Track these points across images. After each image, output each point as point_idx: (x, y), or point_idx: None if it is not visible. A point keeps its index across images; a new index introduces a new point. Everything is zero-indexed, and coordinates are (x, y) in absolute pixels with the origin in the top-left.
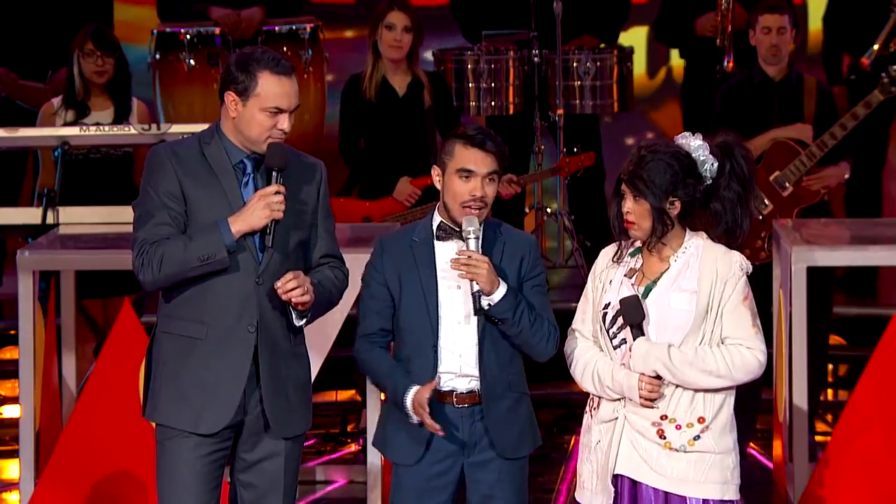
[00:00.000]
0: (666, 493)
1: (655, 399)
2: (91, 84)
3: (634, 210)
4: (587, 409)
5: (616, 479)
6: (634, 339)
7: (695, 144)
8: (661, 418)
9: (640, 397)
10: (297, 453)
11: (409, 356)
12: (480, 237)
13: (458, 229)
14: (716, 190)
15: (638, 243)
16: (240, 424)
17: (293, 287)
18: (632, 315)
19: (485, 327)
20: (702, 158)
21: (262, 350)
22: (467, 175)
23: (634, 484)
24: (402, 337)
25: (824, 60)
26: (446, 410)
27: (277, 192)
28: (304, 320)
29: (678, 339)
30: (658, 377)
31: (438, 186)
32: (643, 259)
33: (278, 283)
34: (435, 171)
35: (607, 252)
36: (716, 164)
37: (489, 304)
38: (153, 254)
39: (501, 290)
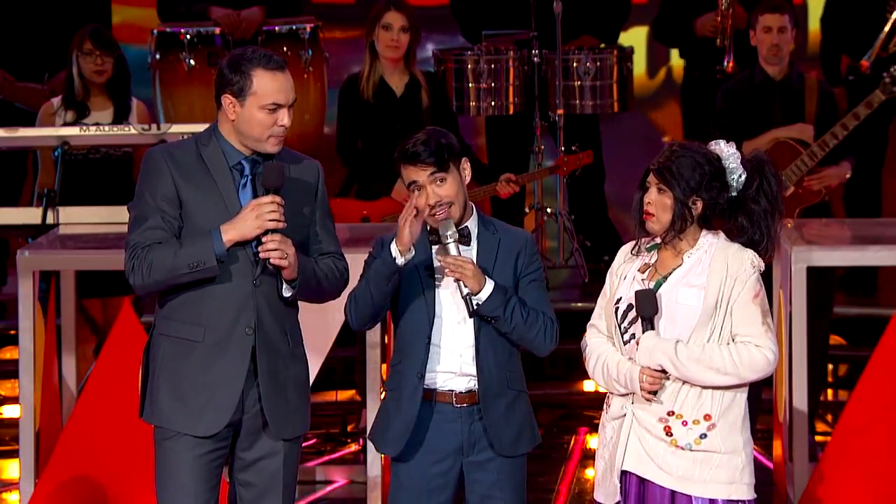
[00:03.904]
0: (672, 492)
1: (656, 392)
2: (90, 84)
3: (656, 202)
4: (604, 406)
5: (624, 475)
6: (644, 332)
7: (728, 152)
8: (668, 414)
9: (641, 389)
10: (297, 452)
11: (403, 348)
12: (458, 239)
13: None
14: (743, 203)
15: (657, 240)
16: (238, 423)
17: (273, 248)
18: (645, 308)
19: (481, 326)
20: (732, 166)
21: (260, 351)
22: (417, 188)
23: (642, 481)
24: (400, 333)
25: (822, 62)
26: (446, 410)
27: (272, 203)
28: (291, 292)
29: (685, 334)
30: (661, 371)
31: None
32: (658, 255)
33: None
34: (405, 193)
35: (625, 248)
36: (744, 176)
37: (478, 304)
38: (143, 258)
39: (488, 287)
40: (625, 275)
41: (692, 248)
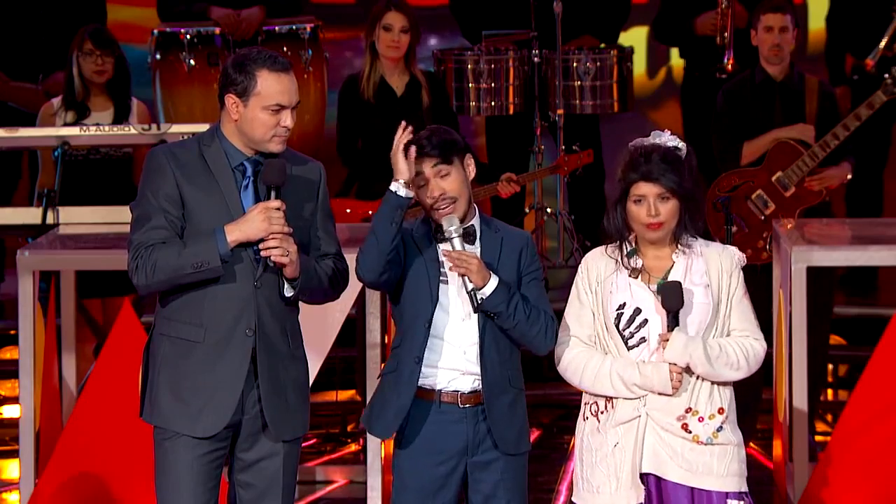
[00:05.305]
0: (692, 489)
1: (680, 387)
2: (91, 84)
3: (664, 210)
4: (588, 413)
5: (642, 477)
6: (669, 328)
7: (670, 136)
8: (686, 411)
9: (673, 387)
10: (296, 453)
11: (405, 332)
12: (463, 234)
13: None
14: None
15: (631, 245)
16: (238, 424)
17: (274, 246)
18: (671, 301)
19: (485, 323)
20: (681, 147)
21: (260, 353)
22: (421, 180)
23: (659, 481)
24: (400, 315)
25: (827, 61)
26: (451, 411)
27: (279, 209)
28: (293, 292)
29: (699, 332)
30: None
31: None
32: (642, 259)
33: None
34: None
35: (598, 256)
36: (684, 149)
37: (482, 298)
38: (147, 258)
39: (493, 282)
40: (614, 283)
41: (677, 248)
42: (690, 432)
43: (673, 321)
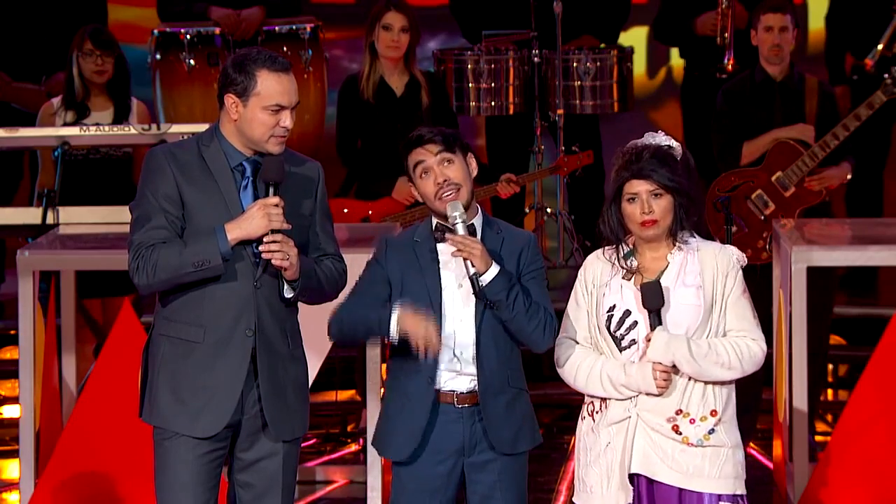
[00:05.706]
0: (680, 490)
1: (667, 387)
2: (91, 84)
3: (657, 206)
4: (585, 413)
5: (631, 478)
6: (652, 327)
7: (664, 136)
8: (676, 413)
9: (657, 386)
10: (296, 453)
11: (408, 351)
12: (466, 221)
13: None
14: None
15: (629, 246)
16: (237, 424)
17: (276, 249)
18: (652, 300)
19: (482, 321)
20: (675, 145)
21: (260, 353)
22: (424, 170)
23: (650, 482)
24: (398, 345)
25: (827, 60)
26: (448, 410)
27: (277, 205)
28: (293, 293)
29: (688, 334)
30: (672, 367)
31: (420, 199)
32: (638, 260)
33: (262, 245)
34: (412, 187)
35: (595, 260)
36: (679, 150)
37: (483, 285)
38: (148, 258)
39: (494, 270)
40: (607, 284)
41: (673, 249)
42: (680, 434)
43: (655, 320)
